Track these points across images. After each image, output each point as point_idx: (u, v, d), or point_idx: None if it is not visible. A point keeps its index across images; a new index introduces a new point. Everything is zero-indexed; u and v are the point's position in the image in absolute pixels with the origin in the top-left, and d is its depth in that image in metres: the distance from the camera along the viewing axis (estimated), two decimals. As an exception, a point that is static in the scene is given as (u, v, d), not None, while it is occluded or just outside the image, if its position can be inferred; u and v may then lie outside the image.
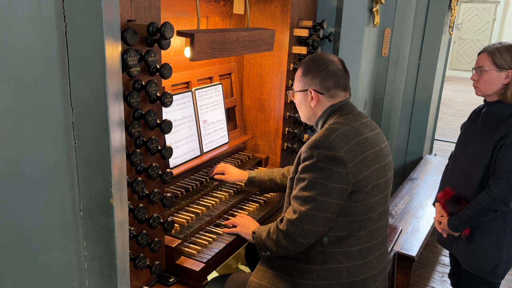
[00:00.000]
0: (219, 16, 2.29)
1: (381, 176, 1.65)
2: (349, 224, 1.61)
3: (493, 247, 2.10)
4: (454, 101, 9.54)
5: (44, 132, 1.11)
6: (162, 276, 1.62)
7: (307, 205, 1.56)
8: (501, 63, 2.01)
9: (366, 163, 1.58)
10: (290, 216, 1.60)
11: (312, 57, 1.78)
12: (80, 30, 1.07)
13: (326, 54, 1.78)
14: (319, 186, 1.54)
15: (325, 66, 1.71)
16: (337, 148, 1.54)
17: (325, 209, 1.55)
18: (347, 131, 1.60)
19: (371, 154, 1.61)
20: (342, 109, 1.71)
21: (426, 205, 3.46)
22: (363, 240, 1.64)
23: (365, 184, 1.58)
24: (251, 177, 2.11)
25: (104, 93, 1.08)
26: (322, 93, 1.71)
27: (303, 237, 1.58)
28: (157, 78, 1.41)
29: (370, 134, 1.67)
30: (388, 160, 1.71)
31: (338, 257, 1.62)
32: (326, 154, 1.54)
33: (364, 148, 1.60)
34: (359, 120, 1.68)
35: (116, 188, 1.16)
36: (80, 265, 1.25)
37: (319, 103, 1.72)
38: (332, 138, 1.56)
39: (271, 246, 1.67)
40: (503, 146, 1.96)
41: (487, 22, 12.02)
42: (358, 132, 1.62)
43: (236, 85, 2.48)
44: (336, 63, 1.73)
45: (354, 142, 1.58)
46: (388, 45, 3.91)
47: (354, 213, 1.60)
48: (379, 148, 1.67)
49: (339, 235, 1.61)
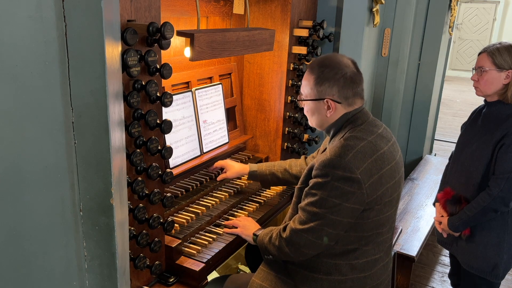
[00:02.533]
0: (219, 16, 2.29)
1: (394, 191, 1.59)
2: (358, 239, 1.57)
3: (493, 247, 2.10)
4: (454, 101, 9.53)
5: (44, 132, 1.11)
6: (162, 276, 1.62)
7: (315, 221, 1.52)
8: (501, 63, 2.00)
9: (382, 181, 1.52)
10: (295, 226, 1.57)
11: (323, 62, 1.61)
12: (80, 30, 1.07)
13: (340, 57, 1.62)
14: (330, 204, 1.49)
15: (342, 72, 1.56)
16: (353, 169, 1.46)
17: (333, 226, 1.51)
18: (364, 148, 1.51)
19: (387, 171, 1.54)
20: (357, 118, 1.60)
21: (426, 205, 3.45)
22: (370, 253, 1.61)
23: (378, 202, 1.52)
24: (252, 171, 2.09)
25: (104, 93, 1.08)
26: (340, 102, 1.59)
27: (307, 247, 1.56)
28: (157, 78, 1.41)
29: (386, 148, 1.57)
30: (401, 172, 1.64)
31: (343, 269, 1.60)
32: (342, 175, 1.46)
33: (381, 166, 1.52)
34: (375, 132, 1.58)
35: (116, 188, 1.16)
36: (80, 265, 1.25)
37: (335, 112, 1.61)
38: (349, 158, 1.47)
39: (273, 251, 1.66)
40: (503, 146, 1.96)
41: (487, 22, 12.02)
42: (375, 148, 1.53)
43: (236, 85, 2.48)
44: (351, 66, 1.60)
45: (371, 160, 1.50)
46: (388, 45, 3.91)
47: (364, 229, 1.56)
48: (394, 163, 1.58)
49: (347, 248, 1.58)
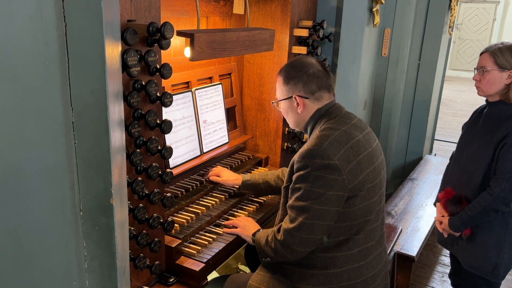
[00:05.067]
0: (219, 16, 2.29)
1: (376, 177, 1.64)
2: (348, 229, 1.60)
3: (494, 247, 2.10)
4: (454, 101, 9.53)
5: (44, 132, 1.11)
6: (162, 276, 1.62)
7: (303, 214, 1.55)
8: (503, 63, 2.00)
9: (360, 167, 1.57)
10: (287, 226, 1.59)
11: (290, 63, 1.75)
12: (80, 30, 1.07)
13: (304, 58, 1.75)
14: (315, 194, 1.53)
15: (305, 70, 1.68)
16: (330, 156, 1.52)
17: (322, 217, 1.54)
18: (339, 136, 1.58)
19: (365, 157, 1.60)
20: (330, 112, 1.68)
21: (426, 205, 3.45)
22: (362, 242, 1.63)
23: (361, 188, 1.57)
24: (245, 180, 2.09)
25: (104, 93, 1.08)
26: (307, 97, 1.68)
27: (301, 246, 1.58)
28: (157, 78, 1.41)
29: (361, 136, 1.64)
30: (380, 159, 1.69)
31: (338, 262, 1.61)
32: (321, 162, 1.52)
33: (357, 152, 1.58)
34: (348, 122, 1.66)
35: (116, 188, 1.16)
36: (80, 265, 1.25)
37: (305, 108, 1.70)
38: (325, 146, 1.54)
39: (270, 253, 1.67)
40: (505, 146, 1.96)
41: (487, 22, 12.02)
42: (349, 136, 1.60)
43: (236, 85, 2.48)
44: (316, 65, 1.70)
45: (347, 147, 1.56)
46: (388, 45, 3.91)
47: (353, 217, 1.59)
48: (371, 149, 1.64)
49: (339, 239, 1.61)
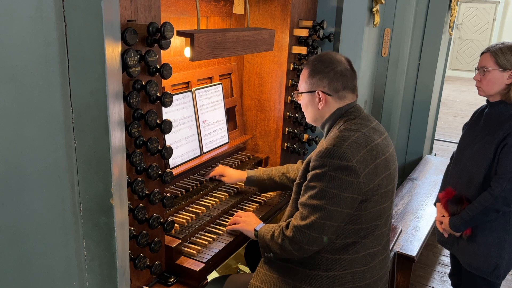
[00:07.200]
0: (219, 16, 2.29)
1: (390, 183, 1.62)
2: (356, 232, 1.59)
3: (495, 247, 2.09)
4: (454, 101, 9.53)
5: (44, 132, 1.11)
6: (162, 276, 1.62)
7: (316, 213, 1.53)
8: (504, 63, 2.00)
9: (377, 171, 1.55)
10: (297, 223, 1.58)
11: (319, 57, 1.71)
12: (80, 30, 1.07)
13: (333, 54, 1.71)
14: (330, 195, 1.51)
15: (333, 66, 1.65)
16: (349, 157, 1.50)
17: (334, 218, 1.53)
18: (359, 138, 1.56)
19: (382, 162, 1.58)
20: (350, 113, 1.66)
21: (426, 205, 3.45)
22: (369, 246, 1.62)
23: (375, 192, 1.55)
24: (250, 176, 2.10)
25: (104, 93, 1.08)
26: (331, 94, 1.65)
27: (310, 244, 1.56)
28: (157, 78, 1.41)
29: (380, 140, 1.62)
30: (395, 165, 1.67)
31: (343, 264, 1.60)
32: (338, 163, 1.50)
33: (375, 156, 1.56)
34: (368, 125, 1.64)
35: (116, 188, 1.16)
36: (80, 265, 1.24)
37: (327, 105, 1.67)
38: (345, 147, 1.52)
39: (275, 249, 1.66)
40: (506, 146, 1.96)
41: (487, 22, 12.02)
42: (369, 139, 1.58)
43: (236, 85, 2.48)
44: (344, 63, 1.67)
45: (365, 150, 1.54)
46: (388, 45, 3.91)
47: (363, 221, 1.58)
48: (388, 154, 1.63)
49: (346, 242, 1.59)
